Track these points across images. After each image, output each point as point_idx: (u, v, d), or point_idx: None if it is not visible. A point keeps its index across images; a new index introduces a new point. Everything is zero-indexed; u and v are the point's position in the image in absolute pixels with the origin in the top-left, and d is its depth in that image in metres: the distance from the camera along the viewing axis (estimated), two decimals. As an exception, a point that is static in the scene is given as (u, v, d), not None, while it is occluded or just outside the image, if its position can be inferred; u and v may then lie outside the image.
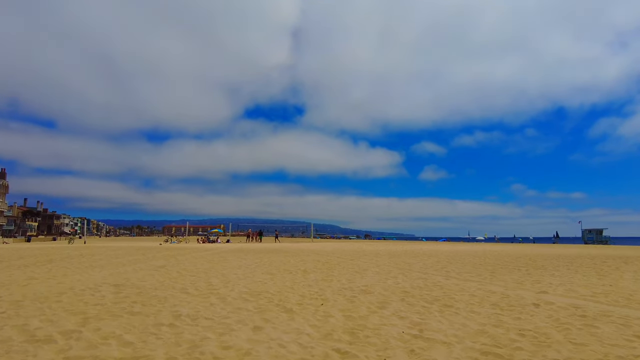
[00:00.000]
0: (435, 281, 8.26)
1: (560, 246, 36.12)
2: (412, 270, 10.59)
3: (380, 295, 6.53)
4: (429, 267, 11.37)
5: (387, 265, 12.13)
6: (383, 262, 13.15)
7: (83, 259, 13.98)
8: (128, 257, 14.81)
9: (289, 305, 5.65)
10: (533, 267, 11.44)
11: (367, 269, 10.85)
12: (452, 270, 10.63)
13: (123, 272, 9.54)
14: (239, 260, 13.62)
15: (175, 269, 10.58)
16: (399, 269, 10.70)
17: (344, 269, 10.81)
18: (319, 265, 11.78)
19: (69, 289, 6.80)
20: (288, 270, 10.40)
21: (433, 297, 6.28)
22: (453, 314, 5.11)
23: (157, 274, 9.19)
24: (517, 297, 6.40)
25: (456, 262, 13.53)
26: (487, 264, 12.48)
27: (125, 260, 13.51)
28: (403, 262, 13.47)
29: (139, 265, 11.40)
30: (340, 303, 5.81)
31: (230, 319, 4.76)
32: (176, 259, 14.14)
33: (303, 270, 10.24)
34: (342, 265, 12.02)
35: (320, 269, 10.62)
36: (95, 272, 9.63)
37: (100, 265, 11.44)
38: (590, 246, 35.68)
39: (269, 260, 13.72)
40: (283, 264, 12.15)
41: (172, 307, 5.41)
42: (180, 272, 9.67)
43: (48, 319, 4.63)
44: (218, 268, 10.83)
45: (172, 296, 6.30)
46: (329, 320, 4.76)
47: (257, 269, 10.73)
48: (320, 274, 9.43)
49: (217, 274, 9.46)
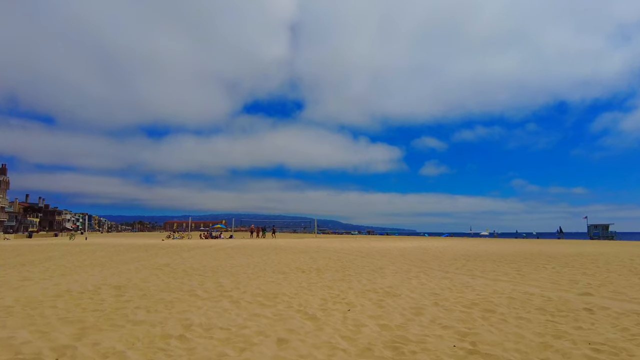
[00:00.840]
0: (463, 281, 7.63)
1: (568, 242, 35.44)
2: (432, 268, 9.96)
3: (410, 298, 5.90)
4: (449, 265, 10.74)
5: (403, 262, 11.51)
6: (398, 260, 12.53)
7: (83, 256, 13.40)
8: (130, 254, 14.22)
9: (312, 310, 5.02)
10: (559, 265, 10.78)
11: (383, 267, 10.23)
12: (474, 268, 9.99)
13: (125, 271, 8.94)
14: (246, 258, 13.02)
15: (180, 267, 9.98)
16: (418, 268, 10.07)
17: (359, 267, 10.18)
18: (331, 263, 11.16)
19: (65, 292, 6.19)
20: (300, 268, 9.79)
21: (469, 301, 5.65)
22: (500, 322, 4.48)
23: (161, 274, 8.59)
24: (560, 300, 5.76)
25: (474, 259, 12.90)
26: (508, 261, 11.84)
27: (127, 257, 12.92)
28: (418, 259, 12.85)
29: (142, 264, 10.80)
30: (368, 308, 5.18)
31: (249, 329, 4.13)
32: (180, 256, 13.55)
33: (316, 269, 9.62)
34: (356, 263, 11.40)
35: (334, 268, 10.01)
36: (96, 271, 9.03)
37: (101, 263, 10.85)
38: (600, 242, 34.95)
39: (277, 258, 13.12)
40: (293, 262, 11.53)
41: (180, 314, 4.79)
42: (186, 271, 9.06)
43: (39, 330, 4.01)
44: (226, 266, 10.23)
45: (180, 300, 5.68)
46: (362, 330, 4.13)
47: (267, 267, 10.12)
48: (336, 273, 8.81)
49: (226, 273, 8.85)
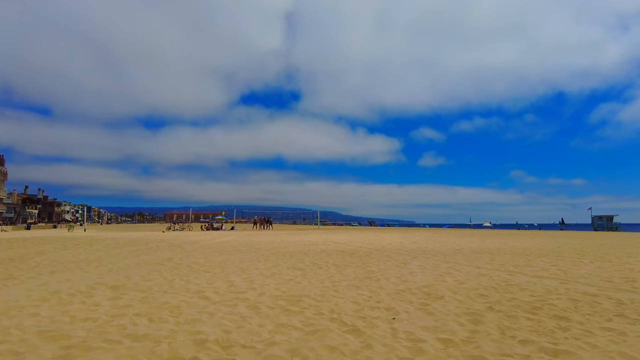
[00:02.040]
0: (503, 278, 6.76)
1: (576, 234, 34.73)
2: (460, 263, 9.10)
3: (456, 300, 5.03)
4: (476, 260, 9.88)
5: (425, 256, 10.65)
6: (419, 254, 11.68)
7: (79, 249, 12.54)
8: (129, 248, 13.36)
9: (349, 319, 4.15)
10: (593, 257, 9.92)
11: (406, 262, 9.36)
12: (506, 262, 9.13)
13: (124, 267, 8.07)
14: (255, 252, 12.16)
15: (184, 262, 9.11)
16: (445, 263, 9.20)
17: (379, 261, 9.33)
18: (347, 257, 10.30)
19: (53, 294, 5.31)
20: (316, 264, 8.92)
21: (528, 304, 4.78)
22: (586, 334, 3.61)
23: (164, 270, 7.72)
24: (634, 302, 4.89)
25: (499, 253, 12.05)
26: (534, 255, 10.99)
27: (126, 251, 12.06)
28: (439, 252, 12.00)
29: (142, 258, 9.94)
30: (415, 315, 4.31)
31: (279, 347, 3.25)
32: (183, 250, 12.69)
33: (334, 265, 8.75)
34: (374, 256, 10.54)
35: (352, 262, 9.14)
36: (91, 267, 8.15)
37: (98, 258, 9.98)
38: (608, 234, 34.19)
39: (288, 252, 12.26)
40: (306, 256, 10.67)
41: (190, 324, 3.91)
42: (191, 267, 8.19)
43: (11, 351, 3.13)
44: (234, 261, 9.36)
45: (188, 304, 4.81)
46: (424, 348, 3.25)
47: (280, 262, 9.25)
48: (357, 269, 7.95)
49: (236, 269, 7.99)
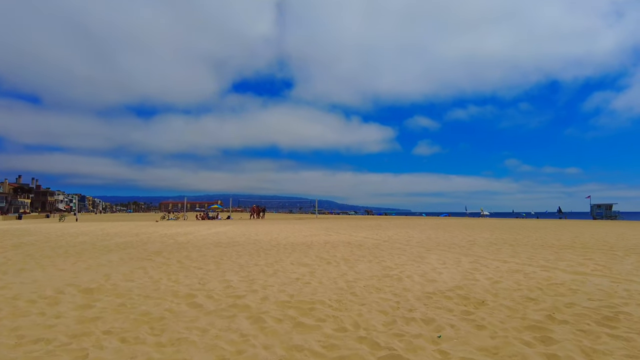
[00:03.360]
0: (542, 276, 5.86)
1: (578, 222, 34.18)
2: (483, 256, 8.21)
3: (505, 307, 4.10)
4: (497, 252, 8.99)
5: (439, 248, 9.77)
6: (432, 245, 10.79)
7: (61, 241, 11.51)
8: (117, 239, 12.36)
9: (382, 337, 3.20)
10: (624, 250, 9.08)
11: (423, 256, 8.45)
12: (533, 256, 8.25)
13: (104, 264, 7.08)
14: (253, 244, 11.22)
15: (174, 256, 8.14)
16: (465, 256, 8.29)
17: (392, 255, 8.41)
18: (356, 250, 9.39)
19: (9, 301, 4.31)
20: (323, 258, 7.99)
21: (596, 313, 3.86)
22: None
23: (150, 267, 6.75)
24: None
25: (518, 244, 11.21)
26: (557, 246, 10.14)
27: (112, 243, 11.06)
28: (454, 244, 11.12)
29: (128, 252, 8.95)
30: (465, 331, 3.37)
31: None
32: (175, 241, 11.72)
33: (343, 259, 7.82)
34: (384, 249, 9.63)
35: (363, 256, 8.22)
36: (68, 263, 7.16)
37: (79, 251, 8.97)
38: (610, 222, 33.68)
39: (289, 243, 11.32)
40: (310, 248, 9.73)
41: (174, 347, 2.95)
42: (182, 263, 7.23)
43: None
44: (231, 255, 8.41)
45: (174, 314, 3.84)
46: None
47: (282, 256, 8.31)
48: (371, 265, 7.02)
49: (233, 264, 7.03)
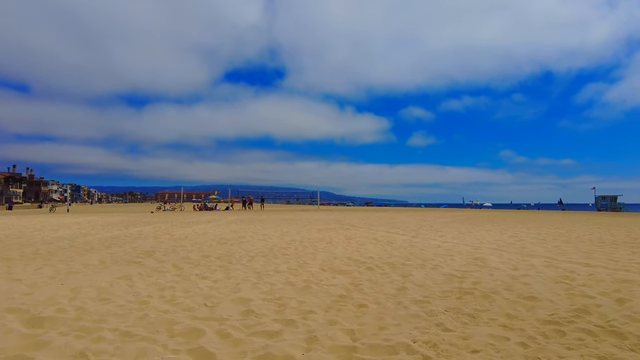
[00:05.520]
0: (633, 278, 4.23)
1: (590, 214, 32.81)
2: (536, 255, 6.57)
3: None
4: (559, 250, 7.36)
5: (482, 242, 8.13)
6: (471, 240, 9.15)
7: (36, 237, 9.80)
8: (103, 234, 10.66)
9: None
10: None
11: (483, 257, 6.81)
12: (592, 250, 6.62)
13: (78, 270, 5.39)
14: (263, 240, 9.54)
15: (170, 258, 6.44)
16: (518, 253, 6.65)
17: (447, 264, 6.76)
18: (389, 248, 7.74)
19: None
20: (363, 263, 6.33)
21: None
22: None
23: (137, 275, 5.05)
24: None
25: (556, 238, 9.59)
26: (598, 240, 8.51)
27: (96, 239, 9.35)
28: (493, 238, 9.50)
29: (113, 251, 7.25)
30: None
31: None
32: (171, 236, 10.04)
33: (389, 263, 6.16)
34: (427, 255, 7.98)
35: (409, 259, 6.58)
36: (29, 270, 5.44)
37: (50, 251, 7.25)
38: (622, 214, 32.23)
39: (304, 237, 9.63)
40: (332, 246, 8.05)
41: None
42: (179, 267, 5.54)
43: None
44: (241, 256, 6.70)
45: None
46: None
47: (306, 258, 6.63)
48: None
49: (246, 270, 5.34)
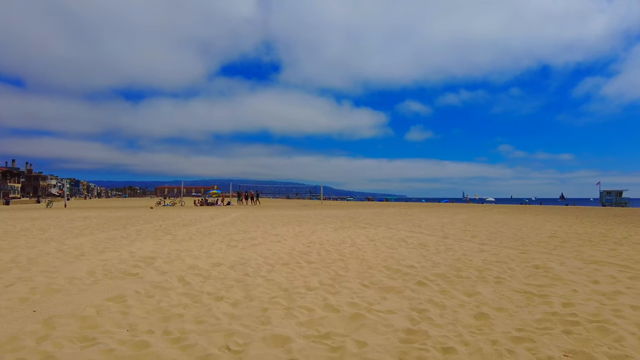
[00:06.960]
0: None
1: (597, 209, 31.74)
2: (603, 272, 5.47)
3: None
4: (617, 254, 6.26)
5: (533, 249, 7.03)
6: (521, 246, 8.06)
7: (21, 238, 8.68)
8: (97, 234, 9.55)
9: None
10: None
11: (549, 266, 5.72)
12: None
13: (61, 286, 4.27)
14: (277, 241, 8.43)
15: (174, 265, 5.33)
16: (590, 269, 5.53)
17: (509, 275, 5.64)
18: (426, 253, 6.63)
19: None
20: (405, 272, 5.23)
21: None
22: None
23: (133, 294, 3.94)
24: None
25: (620, 241, 8.50)
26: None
27: (87, 240, 8.24)
28: (533, 247, 8.40)
29: (105, 257, 6.13)
30: None
31: None
32: (173, 237, 8.93)
33: (438, 275, 5.05)
34: (475, 262, 6.88)
35: (461, 270, 5.48)
36: (-3, 284, 4.34)
37: (31, 258, 6.13)
38: (629, 209, 31.04)
39: (322, 239, 8.51)
40: (359, 250, 6.92)
41: None
42: (186, 282, 4.43)
43: None
44: (257, 264, 5.59)
45: None
46: None
47: (332, 264, 5.52)
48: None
49: (274, 288, 4.23)
